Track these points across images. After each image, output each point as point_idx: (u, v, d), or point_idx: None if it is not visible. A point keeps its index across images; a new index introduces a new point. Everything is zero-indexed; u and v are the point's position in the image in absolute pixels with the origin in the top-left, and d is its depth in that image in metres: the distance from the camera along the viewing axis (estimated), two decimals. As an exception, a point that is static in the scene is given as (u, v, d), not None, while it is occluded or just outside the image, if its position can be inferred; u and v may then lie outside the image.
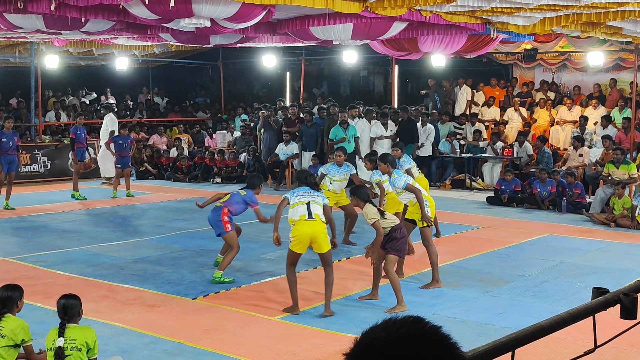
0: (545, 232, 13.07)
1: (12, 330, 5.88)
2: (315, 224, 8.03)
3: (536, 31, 13.46)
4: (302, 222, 8.03)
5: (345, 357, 1.42)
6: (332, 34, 13.85)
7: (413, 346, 1.37)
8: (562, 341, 6.69)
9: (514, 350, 2.64)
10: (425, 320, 1.45)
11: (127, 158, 17.38)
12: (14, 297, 6.06)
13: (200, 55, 26.54)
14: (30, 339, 5.99)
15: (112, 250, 11.38)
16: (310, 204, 8.09)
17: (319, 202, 8.17)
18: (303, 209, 8.07)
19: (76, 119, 17.95)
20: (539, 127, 20.14)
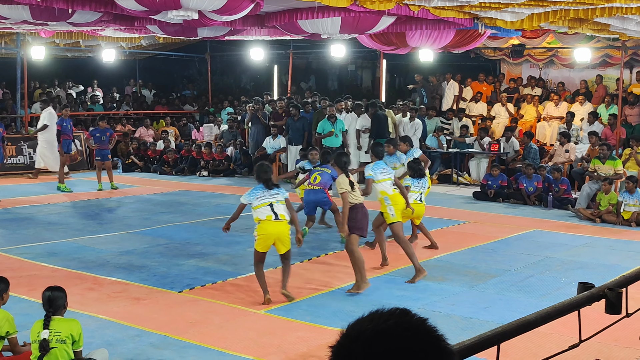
0: (531, 227, 13.12)
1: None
2: (281, 225, 8.21)
3: (524, 27, 13.49)
4: (269, 222, 8.19)
5: (331, 350, 1.42)
6: (320, 27, 13.83)
7: (400, 338, 1.37)
8: (547, 336, 6.72)
9: (499, 344, 2.65)
10: (412, 313, 1.45)
11: (106, 151, 17.26)
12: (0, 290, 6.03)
13: (187, 47, 26.44)
14: (15, 331, 5.96)
15: (98, 243, 11.33)
16: (273, 204, 8.18)
17: (280, 201, 8.25)
18: (267, 209, 8.18)
19: (62, 111, 17.86)
20: (525, 123, 20.20)
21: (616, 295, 3.31)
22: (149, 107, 26.25)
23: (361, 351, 1.36)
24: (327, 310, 8.02)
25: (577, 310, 3.12)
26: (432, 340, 1.40)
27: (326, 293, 8.72)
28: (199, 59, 28.62)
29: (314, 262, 10.33)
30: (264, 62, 26.31)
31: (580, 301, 3.14)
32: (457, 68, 23.29)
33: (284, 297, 8.31)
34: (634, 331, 5.66)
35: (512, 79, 22.05)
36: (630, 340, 6.65)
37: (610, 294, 3.29)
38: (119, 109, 25.19)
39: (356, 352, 1.37)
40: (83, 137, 21.41)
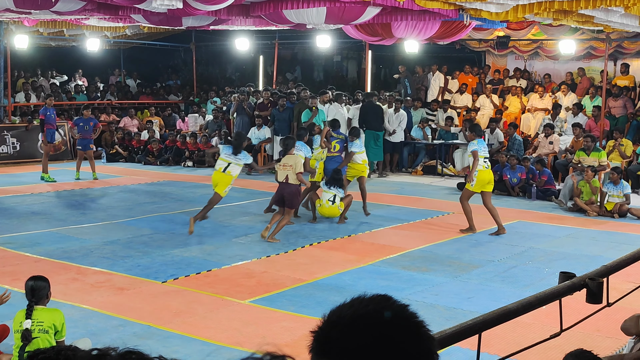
0: (515, 218, 13.18)
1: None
2: (225, 176, 11.16)
3: (509, 18, 13.50)
4: (218, 172, 11.25)
5: (312, 335, 1.42)
6: (305, 17, 13.80)
7: (378, 324, 1.37)
8: (529, 326, 6.76)
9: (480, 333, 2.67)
10: (392, 299, 1.45)
11: (88, 140, 17.26)
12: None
13: (172, 37, 26.29)
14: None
15: (82, 233, 11.29)
16: (231, 164, 11.12)
17: (239, 164, 11.24)
18: (223, 164, 11.20)
19: (46, 100, 17.73)
20: (510, 115, 20.26)
21: (597, 284, 3.33)
22: (133, 97, 26.11)
23: (340, 336, 1.37)
24: (311, 300, 8.03)
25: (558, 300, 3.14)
26: (412, 326, 1.40)
27: (310, 283, 8.73)
28: (183, 48, 28.48)
29: (297, 252, 10.33)
30: (249, 52, 26.22)
31: (562, 290, 3.16)
32: (443, 59, 23.31)
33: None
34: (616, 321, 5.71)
35: (497, 71, 22.10)
36: (612, 330, 6.70)
37: (592, 284, 3.32)
38: (103, 99, 25.05)
39: (335, 337, 1.37)
40: (67, 126, 21.28)
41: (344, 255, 10.16)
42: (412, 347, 1.37)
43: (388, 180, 17.73)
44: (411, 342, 1.37)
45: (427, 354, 1.39)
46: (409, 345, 1.36)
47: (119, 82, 27.23)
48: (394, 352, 1.34)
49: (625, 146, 16.71)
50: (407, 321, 1.40)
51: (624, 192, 13.65)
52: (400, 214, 13.27)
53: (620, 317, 4.98)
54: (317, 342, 1.39)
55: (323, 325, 1.41)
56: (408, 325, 1.40)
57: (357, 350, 1.35)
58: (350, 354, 1.35)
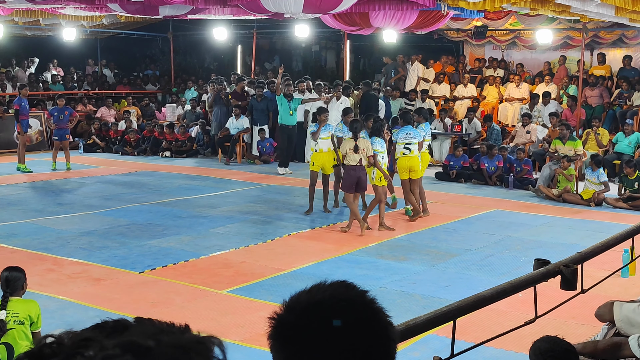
0: (492, 207, 13.25)
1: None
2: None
3: (486, 8, 13.55)
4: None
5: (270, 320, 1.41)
6: (283, 6, 13.75)
7: (334, 309, 1.36)
8: (504, 314, 6.81)
9: (455, 320, 2.68)
10: (352, 285, 1.44)
11: (64, 130, 17.21)
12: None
13: (149, 27, 26.08)
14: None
15: (58, 224, 11.21)
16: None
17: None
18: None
19: (20, 90, 17.56)
20: (488, 104, 20.35)
21: (572, 271, 3.36)
22: (110, 87, 25.92)
23: (295, 321, 1.36)
24: (289, 290, 7.87)
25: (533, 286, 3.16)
26: (369, 312, 1.39)
27: (288, 273, 8.73)
28: (161, 38, 28.29)
29: (276, 242, 10.32)
30: (227, 42, 26.08)
31: (536, 277, 3.18)
32: (421, 49, 23.32)
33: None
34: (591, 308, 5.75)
35: (476, 59, 22.15)
36: (587, 317, 6.75)
37: (566, 270, 3.34)
38: (80, 89, 24.84)
39: (290, 321, 1.36)
40: (44, 117, 21.09)
41: (322, 244, 10.17)
42: (368, 333, 1.35)
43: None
44: (367, 328, 1.36)
45: (385, 339, 1.37)
46: (366, 331, 1.35)
47: (95, 72, 27.00)
48: (350, 338, 1.33)
49: (601, 135, 16.84)
50: (365, 307, 1.39)
51: (600, 179, 13.78)
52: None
53: (594, 304, 5.01)
54: (273, 327, 1.39)
55: (280, 310, 1.41)
56: (365, 311, 1.38)
57: (312, 335, 1.34)
58: (306, 339, 1.34)
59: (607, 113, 18.44)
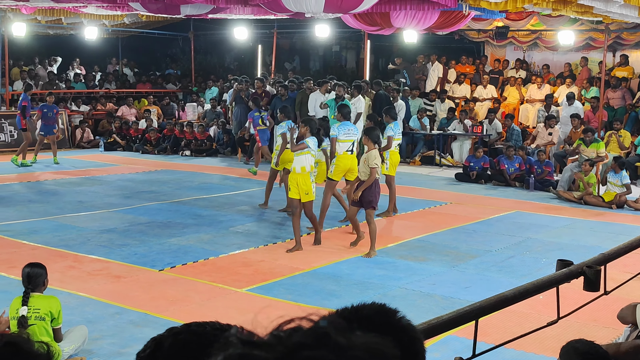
0: (513, 208, 13.18)
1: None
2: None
3: (508, 8, 13.46)
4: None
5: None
6: (304, 6, 13.75)
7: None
8: (525, 315, 6.77)
9: (477, 320, 2.65)
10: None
11: (51, 126, 17.60)
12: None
13: (171, 26, 26.19)
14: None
15: (79, 221, 11.27)
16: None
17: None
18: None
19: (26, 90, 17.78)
20: (509, 105, 20.25)
21: (595, 272, 3.32)
22: (131, 86, 26.05)
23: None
24: (308, 289, 8.03)
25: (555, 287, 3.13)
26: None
27: (308, 272, 8.73)
28: (182, 37, 28.40)
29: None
30: (247, 41, 26.13)
31: (559, 278, 3.14)
32: (441, 49, 23.26)
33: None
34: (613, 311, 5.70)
35: (496, 60, 22.04)
36: (608, 320, 6.70)
37: (589, 272, 3.30)
38: (101, 87, 24.99)
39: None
40: (65, 115, 21.23)
41: (341, 244, 10.15)
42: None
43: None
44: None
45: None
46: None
47: (116, 71, 27.15)
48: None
49: (623, 137, 16.70)
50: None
51: (623, 181, 13.67)
52: (397, 204, 13.24)
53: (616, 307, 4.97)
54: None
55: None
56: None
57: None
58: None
59: (630, 115, 18.29)
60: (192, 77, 26.65)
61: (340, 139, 10.57)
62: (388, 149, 11.80)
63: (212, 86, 24.11)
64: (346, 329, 1.04)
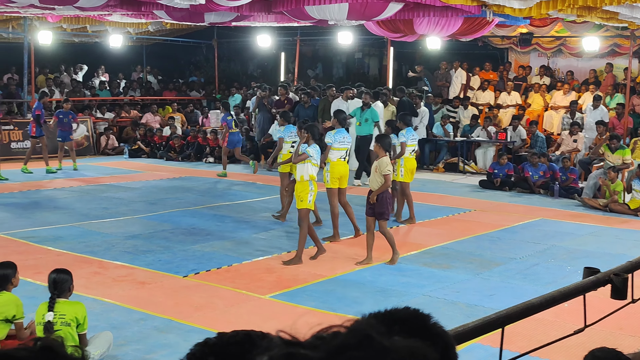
0: (537, 215, 13.09)
1: (4, 304, 5.86)
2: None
3: (532, 14, 13.42)
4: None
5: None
6: (327, 13, 13.78)
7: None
8: (550, 324, 6.72)
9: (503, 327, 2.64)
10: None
11: (67, 132, 17.85)
12: (8, 275, 6.03)
13: (194, 34, 26.38)
14: (22, 316, 5.95)
15: (104, 227, 11.35)
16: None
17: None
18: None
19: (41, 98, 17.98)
20: (533, 112, 20.13)
21: (622, 280, 3.29)
22: (155, 93, 26.23)
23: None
24: (331, 296, 8.02)
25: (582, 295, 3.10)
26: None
27: (331, 279, 8.73)
28: (206, 45, 28.55)
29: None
30: (271, 49, 26.24)
31: (586, 285, 3.12)
32: (465, 56, 23.19)
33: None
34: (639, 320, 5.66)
35: (520, 66, 21.93)
36: (635, 328, 6.64)
37: (616, 279, 3.27)
38: (126, 95, 25.18)
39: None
40: (90, 122, 21.43)
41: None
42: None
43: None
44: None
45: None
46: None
47: (140, 79, 27.35)
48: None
49: (649, 144, 16.55)
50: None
51: (649, 189, 13.55)
52: (421, 211, 13.20)
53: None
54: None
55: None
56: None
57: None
58: None
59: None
60: (215, 84, 26.78)
61: (335, 147, 10.59)
62: (401, 156, 11.75)
63: (234, 93, 24.21)
64: (386, 333, 1.06)
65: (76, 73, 25.79)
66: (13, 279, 6.08)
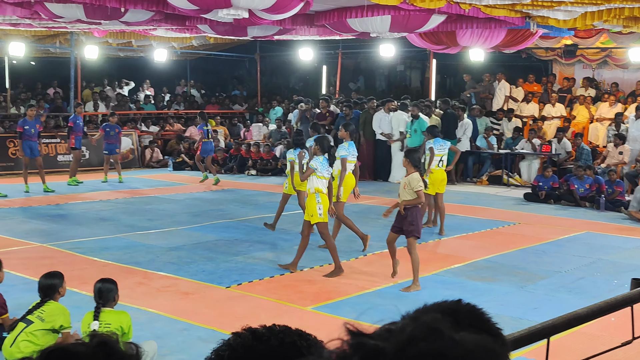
0: (583, 229, 12.90)
1: (52, 314, 5.95)
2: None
3: (577, 26, 13.29)
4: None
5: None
6: (369, 26, 13.80)
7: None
8: (596, 337, 6.60)
9: (549, 338, 2.60)
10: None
11: (114, 145, 18.14)
12: (56, 285, 6.12)
13: (237, 48, 26.63)
14: (69, 326, 6.02)
15: (148, 239, 11.47)
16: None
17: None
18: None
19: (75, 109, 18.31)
20: (578, 124, 19.88)
21: (671, 292, 3.23)
22: (199, 107, 26.49)
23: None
24: (373, 308, 7.98)
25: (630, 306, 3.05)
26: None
27: (373, 291, 8.70)
28: (248, 59, 28.79)
29: (360, 260, 10.30)
30: (312, 62, 26.36)
31: (634, 297, 3.06)
32: (508, 68, 23.03)
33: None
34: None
35: (565, 78, 21.69)
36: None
37: (665, 291, 3.21)
38: (170, 109, 25.49)
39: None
40: (135, 136, 21.73)
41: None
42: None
43: (453, 190, 17.53)
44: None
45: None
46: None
47: (185, 92, 27.66)
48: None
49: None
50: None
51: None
52: (465, 224, 13.13)
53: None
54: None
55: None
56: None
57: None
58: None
59: None
60: (258, 98, 26.96)
61: (349, 160, 10.70)
62: (431, 162, 11.88)
63: (275, 106, 24.37)
64: (453, 326, 1.06)
65: (121, 87, 26.18)
66: (60, 288, 6.17)
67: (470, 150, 19.17)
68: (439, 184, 12.09)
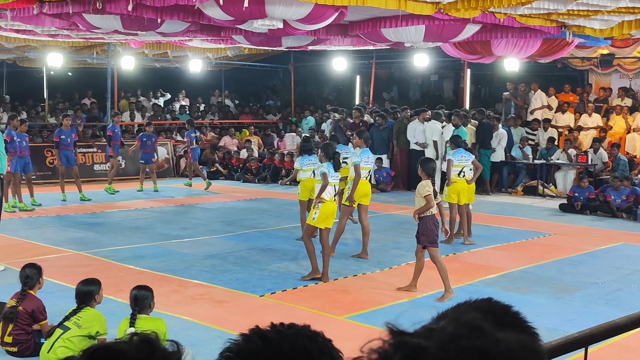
0: (620, 240, 12.74)
1: (88, 320, 6.02)
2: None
3: (614, 35, 13.17)
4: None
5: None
6: (403, 35, 13.80)
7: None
8: (634, 350, 6.51)
9: (587, 348, 2.58)
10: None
11: (150, 154, 18.38)
12: (92, 291, 6.20)
13: (271, 58, 26.77)
14: (105, 332, 6.09)
15: (183, 247, 11.55)
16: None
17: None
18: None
19: (114, 118, 18.60)
20: (614, 134, 19.66)
21: None
22: (233, 117, 26.69)
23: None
24: (408, 319, 7.92)
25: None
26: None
27: (408, 301, 8.67)
28: (282, 69, 28.92)
29: (394, 270, 10.27)
30: (346, 72, 26.40)
31: (674, 307, 3.02)
32: (544, 78, 22.85)
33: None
34: None
35: (602, 88, 21.47)
36: None
37: None
38: (204, 118, 25.69)
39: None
40: (170, 145, 21.93)
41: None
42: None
43: (487, 200, 17.43)
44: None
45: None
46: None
47: (219, 102, 27.87)
48: None
49: None
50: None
51: None
52: (500, 234, 13.04)
53: None
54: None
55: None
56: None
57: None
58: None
59: None
60: (291, 107, 27.06)
61: (363, 167, 10.77)
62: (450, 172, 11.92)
63: (308, 116, 24.44)
64: (493, 325, 1.07)
65: (157, 98, 26.46)
66: (97, 295, 6.25)
67: (505, 161, 19.04)
68: (462, 195, 12.00)
